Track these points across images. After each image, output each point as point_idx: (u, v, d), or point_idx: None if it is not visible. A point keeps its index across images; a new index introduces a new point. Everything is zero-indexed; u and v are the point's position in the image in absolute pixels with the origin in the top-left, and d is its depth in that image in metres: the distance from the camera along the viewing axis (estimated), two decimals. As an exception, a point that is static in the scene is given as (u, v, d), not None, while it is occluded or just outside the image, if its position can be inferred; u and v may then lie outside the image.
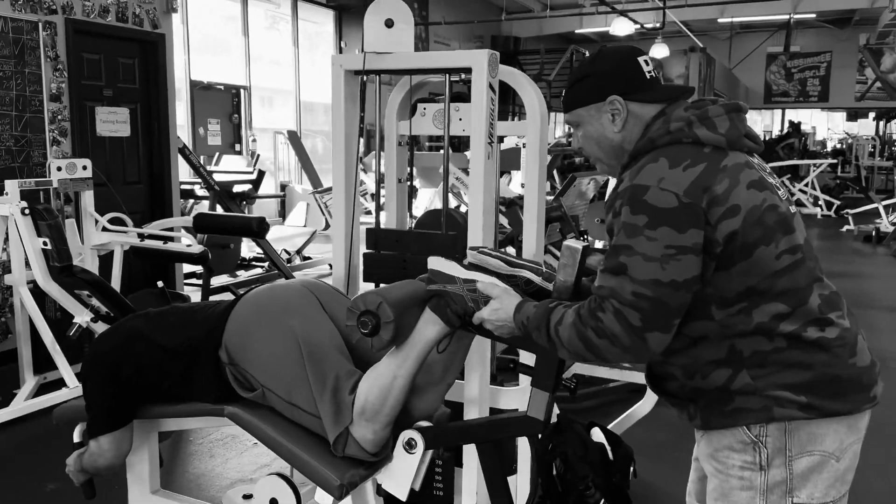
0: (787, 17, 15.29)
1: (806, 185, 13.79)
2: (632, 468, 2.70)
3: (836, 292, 1.43)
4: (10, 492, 2.95)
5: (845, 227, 11.42)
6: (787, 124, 20.52)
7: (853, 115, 22.03)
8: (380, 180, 2.68)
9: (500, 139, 2.79)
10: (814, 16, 15.84)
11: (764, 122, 24.65)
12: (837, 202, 13.53)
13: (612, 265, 1.34)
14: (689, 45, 15.83)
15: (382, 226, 2.54)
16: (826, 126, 25.76)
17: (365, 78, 2.40)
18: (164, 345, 1.95)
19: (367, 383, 1.75)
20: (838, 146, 21.87)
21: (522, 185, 3.32)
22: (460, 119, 2.56)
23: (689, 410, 1.47)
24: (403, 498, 1.90)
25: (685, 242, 1.29)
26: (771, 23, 16.98)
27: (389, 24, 2.29)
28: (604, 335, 1.33)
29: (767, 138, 18.51)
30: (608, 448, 2.64)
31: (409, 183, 2.77)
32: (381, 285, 2.21)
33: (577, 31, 16.14)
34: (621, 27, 13.40)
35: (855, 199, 13.94)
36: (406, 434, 1.85)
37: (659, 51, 14.48)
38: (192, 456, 3.30)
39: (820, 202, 13.65)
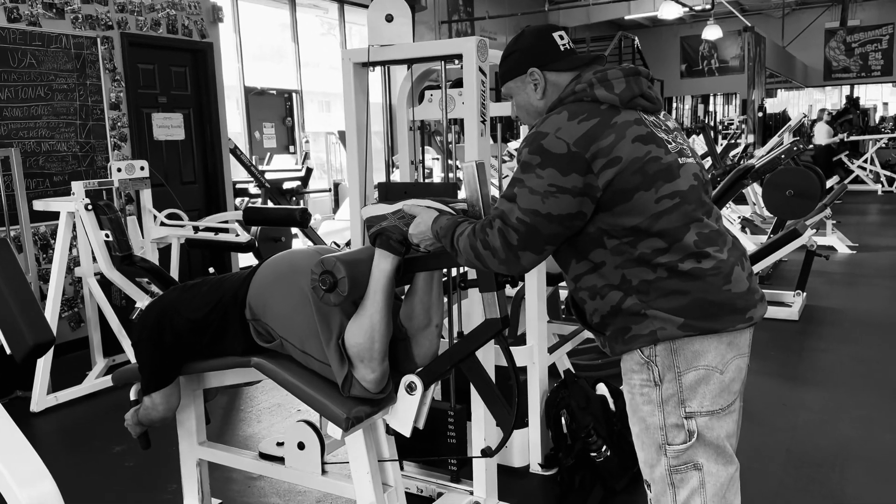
0: (842, -10, 14.93)
1: (865, 161, 13.48)
2: (633, 418, 2.90)
3: (718, 231, 1.63)
4: (84, 453, 3.34)
5: (905, 202, 11.18)
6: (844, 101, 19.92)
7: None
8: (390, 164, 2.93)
9: (501, 119, 3.02)
10: (871, -13, 15.42)
11: (831, 101, 23.84)
12: (900, 177, 13.20)
13: (507, 193, 1.60)
14: (743, 26, 15.62)
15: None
16: (896, 101, 24.82)
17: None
18: (196, 309, 2.25)
19: (352, 329, 2.00)
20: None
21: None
22: (463, 103, 2.81)
23: (601, 340, 1.71)
24: (407, 434, 2.14)
25: (565, 184, 1.53)
26: (826, -3, 16.58)
27: (389, 18, 2.54)
28: (487, 247, 1.60)
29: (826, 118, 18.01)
30: (610, 400, 2.84)
31: (422, 165, 3.03)
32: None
33: (626, 18, 16.08)
34: (670, 10, 13.34)
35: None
36: (407, 378, 2.09)
37: (712, 32, 14.32)
38: (242, 422, 3.64)
39: (881, 178, 13.32)
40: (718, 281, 1.57)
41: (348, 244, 7.60)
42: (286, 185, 7.54)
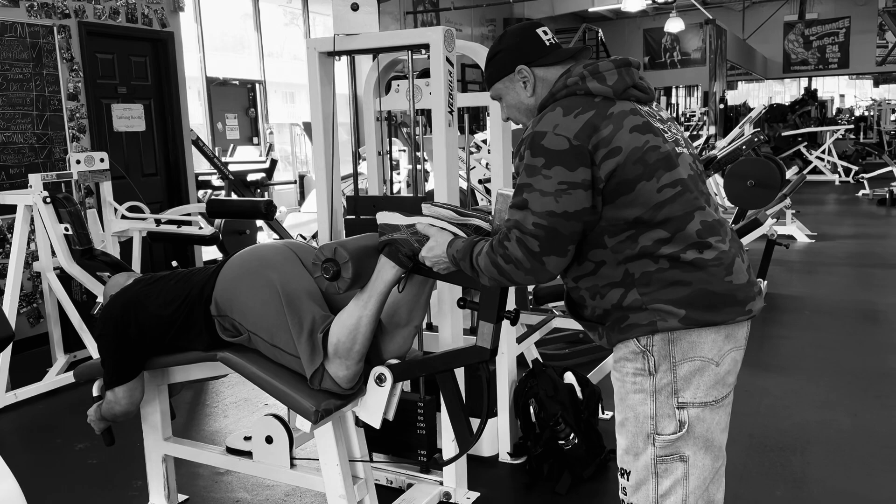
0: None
1: (823, 152, 13.75)
2: (600, 405, 2.93)
3: (719, 220, 1.62)
4: (46, 451, 3.27)
5: (861, 192, 11.43)
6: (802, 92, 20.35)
7: (880, 81, 21.75)
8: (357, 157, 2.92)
9: (468, 110, 3.01)
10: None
11: (790, 93, 24.26)
12: (855, 168, 13.48)
13: (517, 201, 1.56)
14: (705, 19, 15.80)
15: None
16: (853, 93, 25.41)
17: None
18: (162, 304, 2.21)
19: (337, 325, 2.00)
20: (865, 113, 21.55)
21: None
22: (430, 93, 2.80)
23: (598, 331, 1.68)
24: (377, 426, 2.14)
25: (575, 179, 1.51)
26: (785, -10, 16.84)
27: (355, 7, 2.52)
28: (510, 260, 1.55)
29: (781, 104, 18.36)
30: (577, 388, 2.87)
31: (388, 155, 3.01)
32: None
33: (590, 10, 16.13)
34: (633, 3, 13.40)
35: (876, 164, 13.87)
36: (377, 370, 2.09)
37: (674, 25, 14.44)
38: (208, 417, 3.60)
39: (838, 169, 13.61)
40: (720, 272, 1.56)
41: (314, 237, 7.55)
42: (250, 177, 7.45)
